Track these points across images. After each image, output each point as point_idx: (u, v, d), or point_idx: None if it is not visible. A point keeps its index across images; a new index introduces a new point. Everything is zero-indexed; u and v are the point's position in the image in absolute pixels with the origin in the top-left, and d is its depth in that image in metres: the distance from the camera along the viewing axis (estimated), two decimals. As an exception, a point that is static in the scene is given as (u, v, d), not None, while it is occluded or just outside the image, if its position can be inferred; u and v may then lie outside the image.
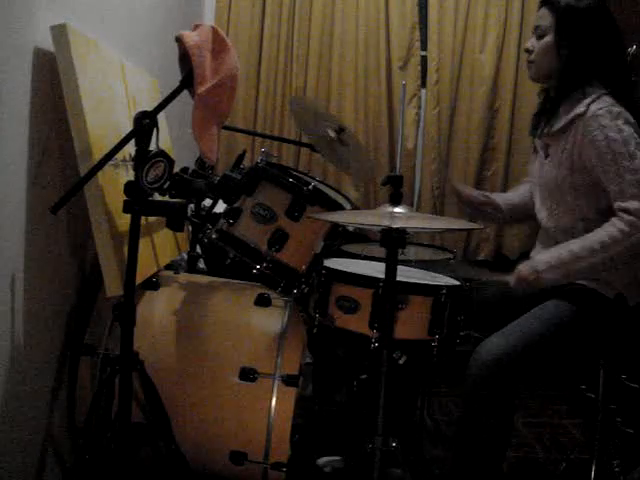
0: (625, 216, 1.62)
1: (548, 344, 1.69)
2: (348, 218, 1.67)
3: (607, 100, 1.69)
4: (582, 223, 1.76)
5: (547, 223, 1.86)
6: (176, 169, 1.64)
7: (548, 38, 1.76)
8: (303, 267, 1.79)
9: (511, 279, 1.76)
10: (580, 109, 1.70)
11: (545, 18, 1.76)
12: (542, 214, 1.89)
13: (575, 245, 1.68)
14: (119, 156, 1.54)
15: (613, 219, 1.65)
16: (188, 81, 1.46)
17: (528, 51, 1.82)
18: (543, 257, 1.72)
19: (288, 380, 1.66)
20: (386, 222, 1.41)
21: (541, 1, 1.80)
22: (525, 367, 1.67)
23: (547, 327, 1.70)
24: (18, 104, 1.37)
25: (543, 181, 1.86)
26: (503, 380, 1.64)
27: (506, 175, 3.31)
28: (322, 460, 2.07)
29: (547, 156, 1.84)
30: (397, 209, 1.50)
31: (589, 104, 1.70)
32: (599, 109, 1.67)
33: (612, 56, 1.74)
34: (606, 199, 1.71)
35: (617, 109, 1.67)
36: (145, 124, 1.32)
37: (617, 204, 1.65)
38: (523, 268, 1.72)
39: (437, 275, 1.94)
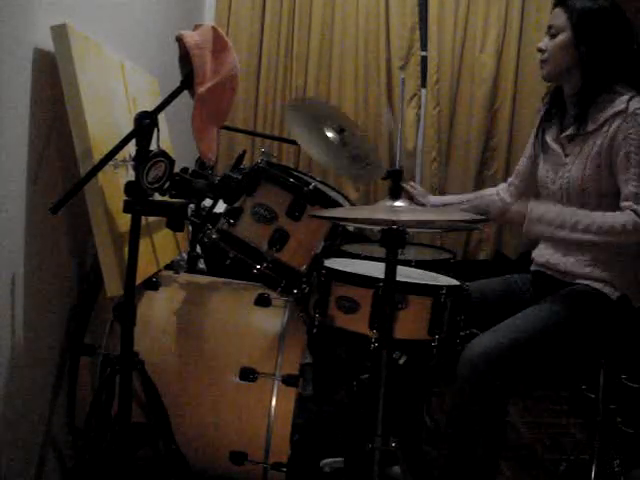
0: (634, 215, 1.60)
1: (542, 342, 1.68)
2: (348, 214, 1.67)
3: None
4: None
5: None
6: (176, 169, 1.63)
7: (562, 36, 1.74)
8: (303, 267, 1.79)
9: (495, 209, 1.80)
10: (620, 106, 1.67)
11: (559, 17, 1.75)
12: None
13: (575, 217, 1.65)
14: (119, 156, 1.54)
15: (619, 213, 1.63)
16: (188, 81, 1.46)
17: (541, 50, 1.80)
18: (539, 210, 1.70)
19: (288, 380, 1.66)
20: (388, 215, 1.40)
21: (555, 1, 1.79)
22: (516, 364, 1.65)
23: (542, 325, 1.68)
24: (18, 104, 1.37)
25: (559, 185, 1.81)
26: (491, 376, 1.61)
27: (506, 175, 3.29)
28: (324, 462, 2.08)
29: (566, 156, 1.79)
30: (397, 203, 1.49)
31: (628, 101, 1.67)
32: (638, 108, 1.65)
33: (631, 56, 1.72)
34: None
35: None
36: (145, 124, 1.32)
37: (628, 204, 1.63)
38: (517, 207, 1.73)
39: (437, 275, 1.94)
